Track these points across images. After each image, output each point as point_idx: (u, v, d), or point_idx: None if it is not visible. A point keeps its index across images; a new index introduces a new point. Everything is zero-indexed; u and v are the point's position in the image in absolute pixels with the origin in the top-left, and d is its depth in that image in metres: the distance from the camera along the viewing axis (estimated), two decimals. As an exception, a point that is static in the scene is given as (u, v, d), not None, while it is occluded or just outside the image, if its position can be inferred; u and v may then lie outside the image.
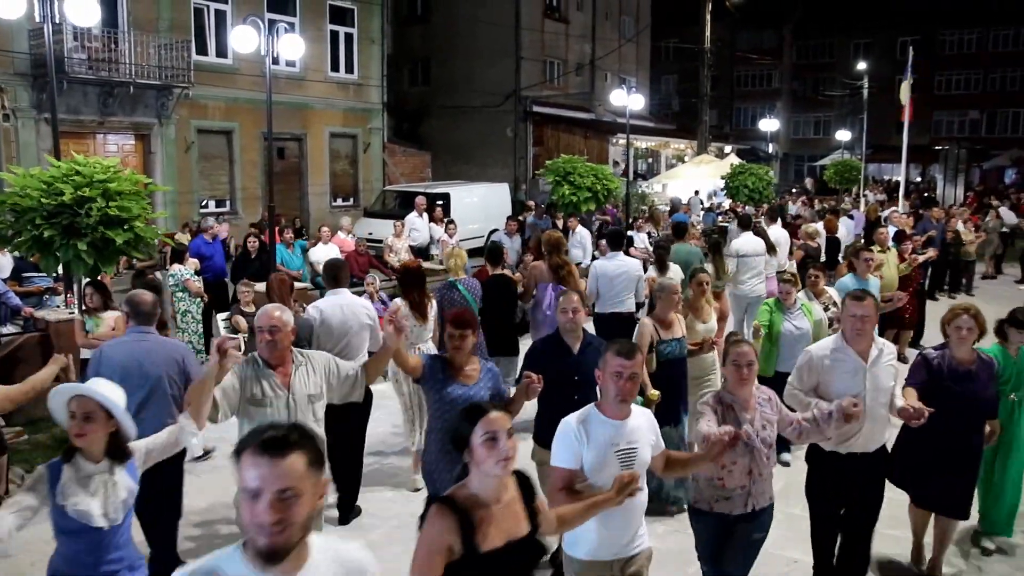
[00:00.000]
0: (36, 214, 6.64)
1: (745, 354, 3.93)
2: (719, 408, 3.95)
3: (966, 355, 4.92)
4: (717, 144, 36.01)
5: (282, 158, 22.06)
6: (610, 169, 15.08)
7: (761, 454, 3.91)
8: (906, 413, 4.32)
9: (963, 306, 5.01)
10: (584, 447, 3.42)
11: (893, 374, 4.54)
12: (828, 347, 4.60)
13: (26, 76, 16.58)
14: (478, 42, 28.73)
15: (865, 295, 4.52)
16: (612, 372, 3.39)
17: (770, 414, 4.02)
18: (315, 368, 4.29)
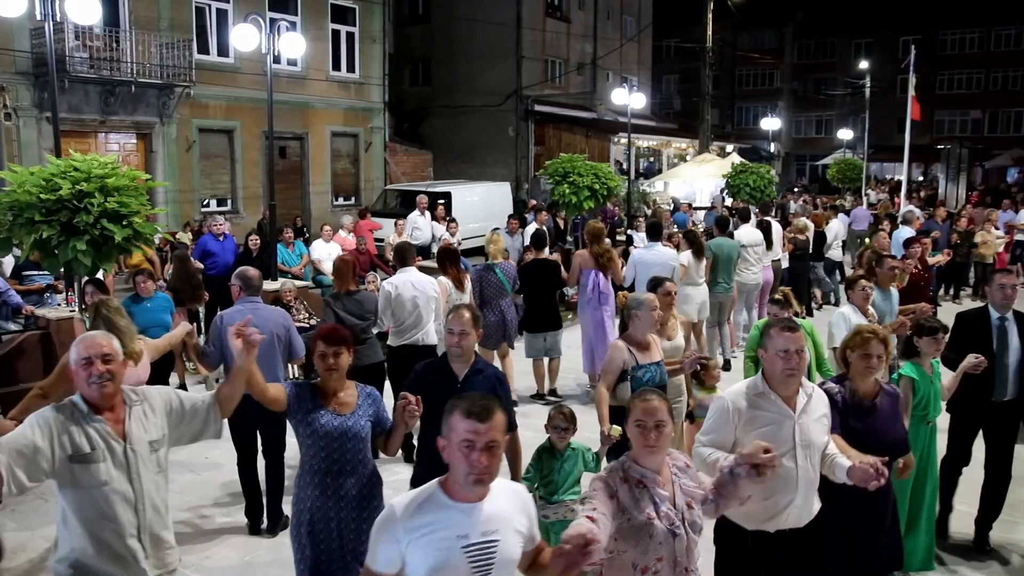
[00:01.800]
0: (35, 211, 6.63)
1: (654, 411, 2.93)
2: (621, 487, 2.94)
3: (870, 387, 4.14)
4: (719, 143, 35.97)
5: (283, 157, 22.06)
6: (610, 167, 15.04)
7: (689, 541, 2.98)
8: (862, 472, 3.32)
9: (870, 328, 4.20)
10: (411, 542, 2.53)
11: (826, 427, 3.63)
12: (745, 392, 3.60)
13: (27, 75, 16.58)
14: (479, 42, 28.73)
15: (798, 325, 3.59)
16: (460, 441, 2.50)
17: (692, 487, 3.05)
18: (154, 407, 3.33)
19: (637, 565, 2.93)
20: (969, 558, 5.39)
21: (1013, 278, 5.36)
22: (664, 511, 2.92)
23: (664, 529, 2.90)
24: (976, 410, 5.35)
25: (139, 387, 3.44)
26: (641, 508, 2.91)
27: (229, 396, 3.53)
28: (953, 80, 48.65)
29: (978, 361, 4.88)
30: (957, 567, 5.29)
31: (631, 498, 2.92)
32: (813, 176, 47.28)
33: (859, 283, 6.47)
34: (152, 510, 3.20)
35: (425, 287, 6.93)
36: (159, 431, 3.30)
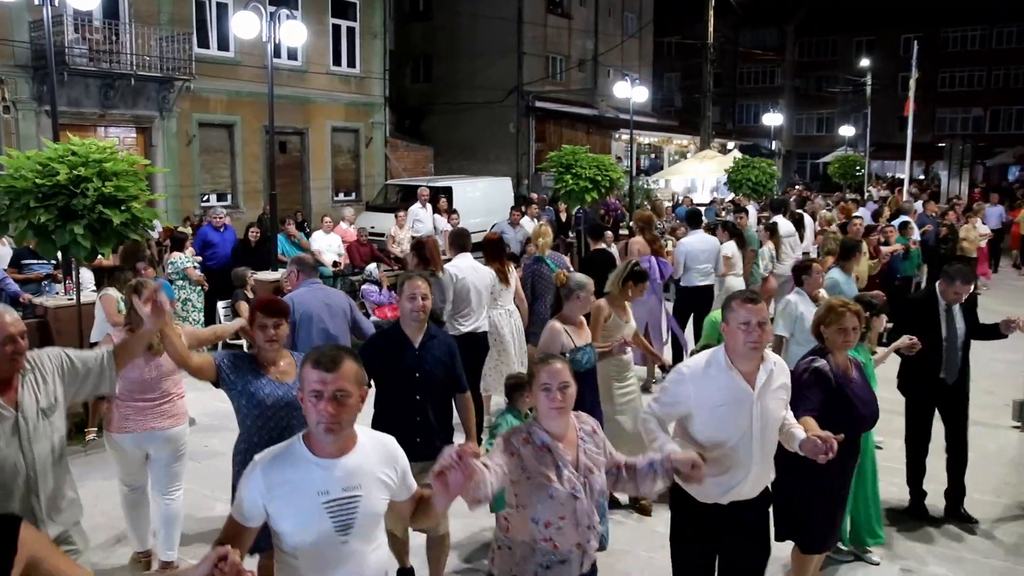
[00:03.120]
0: (31, 196, 6.54)
1: (558, 373, 2.98)
2: (523, 448, 2.99)
3: (845, 361, 4.17)
4: (720, 140, 35.88)
5: (284, 152, 21.98)
6: (612, 159, 14.97)
7: (588, 505, 3.03)
8: (812, 446, 3.34)
9: (842, 302, 4.23)
10: (273, 497, 2.50)
11: (785, 401, 3.60)
12: (704, 365, 3.51)
13: (27, 68, 16.51)
14: (480, 38, 28.66)
15: (759, 296, 3.47)
16: (310, 391, 2.49)
17: (596, 453, 3.11)
18: (45, 374, 3.31)
19: (539, 520, 2.99)
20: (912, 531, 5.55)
21: (968, 288, 5.51)
22: (567, 475, 2.97)
23: (565, 492, 2.96)
24: (928, 391, 5.57)
25: (32, 352, 3.40)
26: (542, 471, 2.96)
27: (129, 352, 3.56)
28: (955, 78, 48.54)
29: (912, 342, 5.04)
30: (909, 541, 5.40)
31: (533, 460, 2.97)
32: (814, 174, 47.17)
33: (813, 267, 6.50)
34: (45, 475, 3.24)
35: (483, 275, 6.89)
36: (51, 396, 3.31)
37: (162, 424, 4.86)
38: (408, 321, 4.39)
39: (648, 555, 5.12)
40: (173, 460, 5.01)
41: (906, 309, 5.78)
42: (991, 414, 7.78)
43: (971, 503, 5.90)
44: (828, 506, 4.15)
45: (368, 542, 2.63)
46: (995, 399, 8.16)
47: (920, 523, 5.63)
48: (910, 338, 5.04)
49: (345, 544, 2.54)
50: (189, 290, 9.77)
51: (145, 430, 4.83)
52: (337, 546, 2.53)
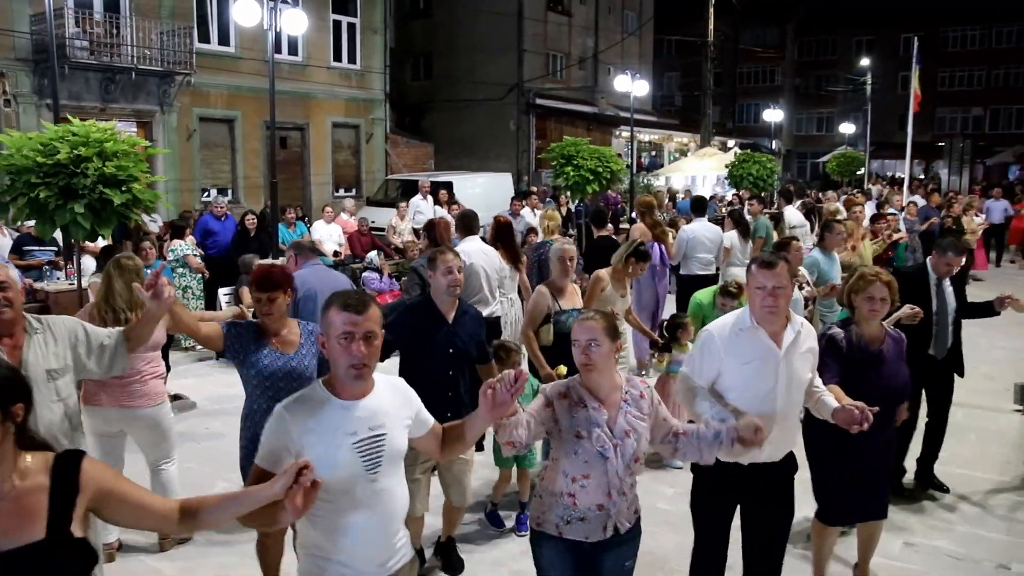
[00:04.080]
0: (32, 174, 6.55)
1: (586, 329, 2.99)
2: (558, 401, 3.02)
3: (876, 331, 4.11)
4: (720, 139, 35.89)
5: (284, 147, 21.97)
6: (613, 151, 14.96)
7: (619, 468, 3.00)
8: (847, 415, 3.34)
9: (873, 271, 4.20)
10: (303, 443, 2.53)
11: (812, 364, 3.59)
12: (732, 325, 3.54)
13: (27, 61, 16.51)
14: (480, 36, 28.67)
15: (777, 261, 3.43)
16: (339, 334, 2.52)
17: (637, 418, 3.06)
18: (56, 337, 3.35)
19: (568, 474, 3.02)
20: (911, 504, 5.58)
21: (961, 259, 5.54)
22: (597, 433, 2.97)
23: (593, 450, 2.96)
24: (917, 365, 5.32)
25: (44, 316, 3.47)
26: (573, 425, 2.99)
27: (138, 336, 3.56)
28: (955, 77, 48.56)
29: (914, 312, 4.93)
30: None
31: (567, 413, 3.00)
32: (814, 174, 47.20)
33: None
34: (49, 438, 3.11)
35: (493, 258, 6.75)
36: (60, 360, 3.34)
37: (133, 403, 4.70)
38: (443, 296, 4.35)
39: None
40: (160, 440, 4.92)
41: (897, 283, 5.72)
42: (992, 398, 7.79)
43: (975, 481, 5.94)
44: (847, 479, 4.08)
45: (395, 480, 2.69)
46: (996, 384, 8.19)
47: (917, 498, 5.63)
48: (911, 307, 4.94)
49: (375, 482, 2.59)
50: (189, 277, 9.77)
51: (116, 406, 4.69)
52: (368, 484, 2.58)
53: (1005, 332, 9.72)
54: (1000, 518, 5.40)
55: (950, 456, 6.30)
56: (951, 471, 6.05)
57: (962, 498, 5.68)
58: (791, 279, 3.45)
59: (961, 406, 7.36)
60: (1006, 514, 5.45)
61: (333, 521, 2.59)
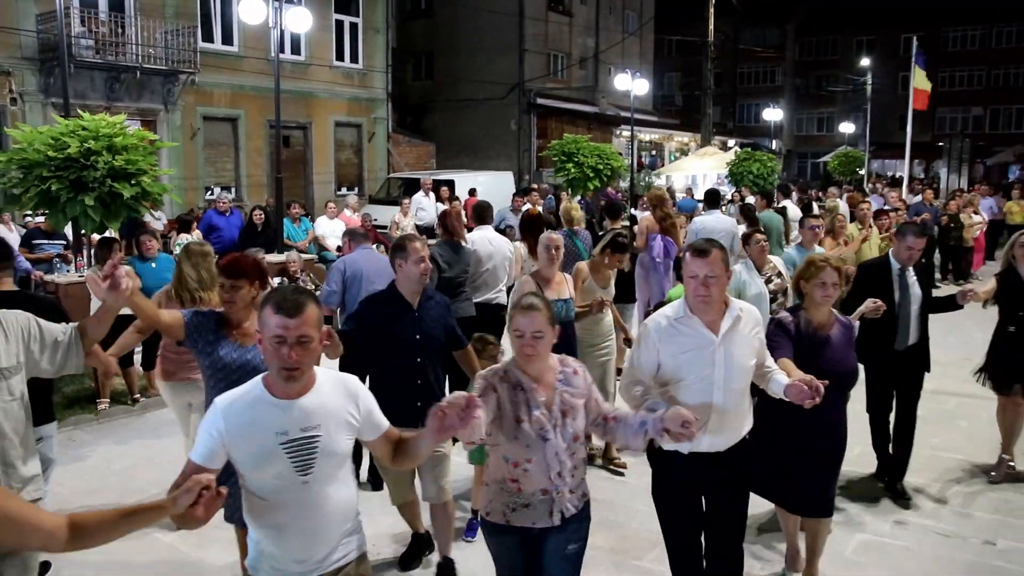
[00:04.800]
0: (43, 168, 6.69)
1: (531, 321, 2.96)
2: (500, 385, 3.02)
3: (825, 318, 4.11)
4: (720, 138, 36.03)
5: (287, 146, 22.10)
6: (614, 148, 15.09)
7: (560, 449, 2.99)
8: (798, 390, 3.31)
9: (823, 257, 4.15)
10: (232, 439, 2.49)
11: (756, 349, 3.52)
12: (668, 316, 3.48)
13: (33, 60, 16.67)
14: (481, 36, 28.82)
15: (710, 248, 3.35)
16: (271, 336, 2.45)
17: (574, 396, 3.07)
18: (8, 333, 3.17)
19: (509, 459, 3.01)
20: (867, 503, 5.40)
21: (923, 241, 5.38)
22: (536, 416, 2.96)
23: (533, 433, 2.95)
24: (883, 358, 5.38)
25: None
26: (514, 409, 2.97)
27: (93, 332, 3.39)
28: (955, 77, 48.68)
29: (876, 305, 4.85)
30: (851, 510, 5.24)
31: (508, 398, 2.99)
32: (815, 173, 47.35)
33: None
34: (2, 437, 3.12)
35: (501, 247, 7.09)
36: (12, 358, 3.17)
37: (198, 376, 4.92)
38: (413, 284, 4.30)
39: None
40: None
41: (858, 275, 5.56)
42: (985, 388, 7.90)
43: (965, 466, 6.07)
44: (795, 465, 4.06)
45: (331, 483, 2.60)
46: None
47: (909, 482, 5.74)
48: (874, 301, 4.87)
49: (306, 484, 2.53)
50: (195, 271, 9.90)
51: (183, 380, 5.02)
52: (298, 487, 2.52)
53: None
54: (988, 499, 5.53)
55: (941, 442, 6.45)
56: (942, 456, 6.19)
57: (953, 481, 5.80)
58: (727, 268, 3.38)
59: (954, 395, 7.52)
60: (994, 495, 5.59)
61: (265, 518, 2.57)
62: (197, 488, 2.08)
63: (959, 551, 4.79)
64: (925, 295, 5.41)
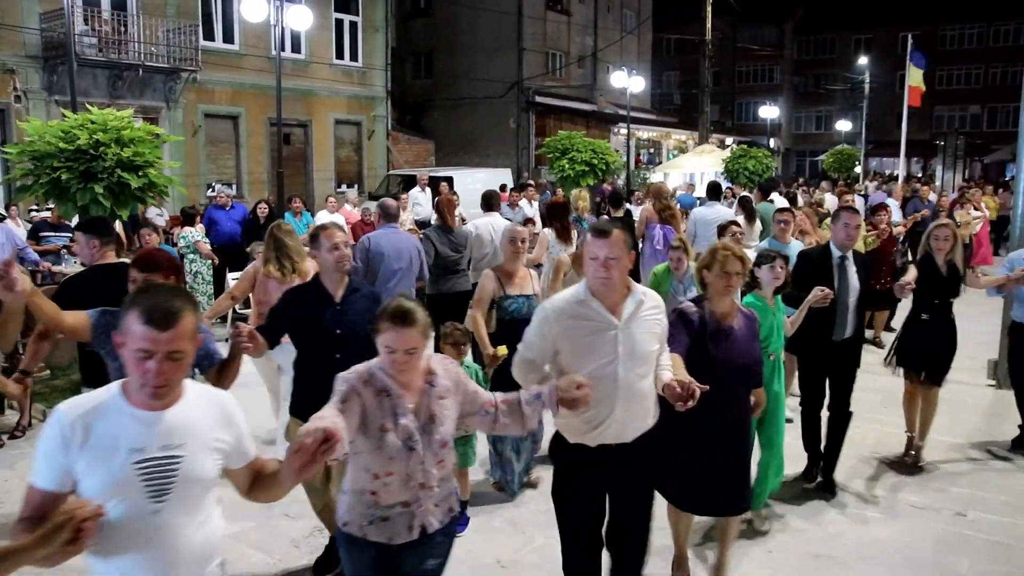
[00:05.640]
0: (54, 159, 6.92)
1: (404, 339, 2.72)
2: (364, 389, 2.74)
3: (728, 308, 3.91)
4: (718, 136, 36.27)
5: (288, 143, 22.31)
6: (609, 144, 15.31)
7: (426, 458, 2.78)
8: (672, 391, 3.09)
9: (724, 245, 3.99)
10: (80, 455, 2.10)
11: (659, 335, 3.37)
12: (568, 299, 3.30)
13: (37, 58, 16.89)
14: (480, 34, 29.06)
15: (611, 229, 3.22)
16: (135, 349, 2.10)
17: (443, 399, 2.85)
18: None
19: (370, 470, 2.77)
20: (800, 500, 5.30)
21: (858, 218, 5.32)
22: (403, 424, 2.74)
23: (398, 443, 2.73)
24: (818, 349, 5.28)
25: None
26: (379, 416, 2.74)
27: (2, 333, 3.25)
28: (952, 75, 48.93)
29: (824, 294, 4.78)
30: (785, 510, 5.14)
31: (373, 403, 2.75)
32: (813, 172, 47.59)
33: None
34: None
35: (500, 231, 7.30)
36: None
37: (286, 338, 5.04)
38: (330, 272, 4.12)
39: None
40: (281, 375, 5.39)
41: (799, 263, 5.39)
42: (971, 375, 8.12)
43: (944, 446, 6.26)
44: (696, 464, 3.88)
45: (189, 514, 2.21)
46: (976, 363, 8.50)
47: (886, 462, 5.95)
48: (821, 289, 4.78)
49: (157, 514, 2.15)
50: (199, 263, 10.14)
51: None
52: (147, 516, 2.14)
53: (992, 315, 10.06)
54: (962, 474, 5.77)
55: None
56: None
57: (930, 462, 6.00)
58: (629, 251, 3.23)
59: (937, 381, 7.75)
60: (969, 471, 5.83)
61: (106, 554, 2.14)
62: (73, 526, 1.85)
63: (932, 521, 5.01)
64: (863, 287, 5.29)
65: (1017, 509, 5.18)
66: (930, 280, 5.61)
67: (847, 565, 4.48)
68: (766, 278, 4.66)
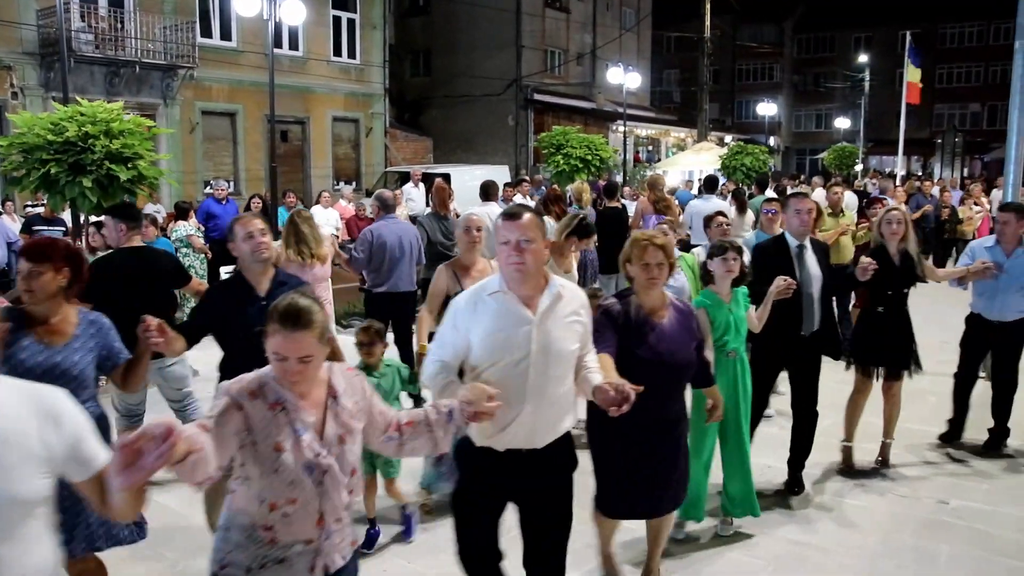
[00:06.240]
0: (43, 152, 6.95)
1: (295, 347, 2.31)
2: (251, 404, 2.31)
3: (657, 302, 3.61)
4: (717, 134, 36.30)
5: (285, 141, 22.38)
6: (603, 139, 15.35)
7: (335, 484, 2.37)
8: (603, 394, 2.81)
9: (646, 235, 3.65)
10: None
11: (579, 334, 3.07)
12: (480, 291, 3.03)
13: (34, 55, 16.95)
14: (479, 32, 29.08)
15: (522, 211, 2.95)
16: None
17: (350, 414, 2.45)
18: None
19: (265, 500, 2.32)
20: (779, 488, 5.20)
21: (809, 203, 5.01)
22: (304, 441, 2.32)
23: (299, 465, 2.30)
24: (782, 345, 4.92)
25: None
26: (273, 434, 2.30)
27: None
28: (952, 73, 48.92)
29: (787, 283, 4.51)
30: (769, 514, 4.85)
31: (264, 419, 2.31)
32: (813, 170, 47.56)
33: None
34: None
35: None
36: None
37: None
38: (249, 263, 3.86)
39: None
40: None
41: (755, 257, 5.12)
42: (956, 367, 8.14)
43: (928, 436, 6.25)
44: (627, 468, 3.61)
45: (8, 543, 1.83)
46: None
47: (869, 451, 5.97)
48: (783, 278, 4.51)
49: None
50: (193, 257, 10.14)
51: None
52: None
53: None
54: (946, 462, 5.81)
55: (908, 415, 6.61)
56: (908, 427, 6.36)
57: (916, 450, 6.02)
58: (544, 235, 2.96)
59: (926, 374, 7.73)
60: (952, 460, 5.86)
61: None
62: None
63: (913, 509, 5.03)
64: (826, 275, 5.00)
65: (1000, 497, 5.20)
66: (883, 270, 5.15)
67: (826, 551, 4.49)
68: (719, 271, 4.35)
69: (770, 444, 5.65)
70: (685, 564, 4.36)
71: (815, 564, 4.37)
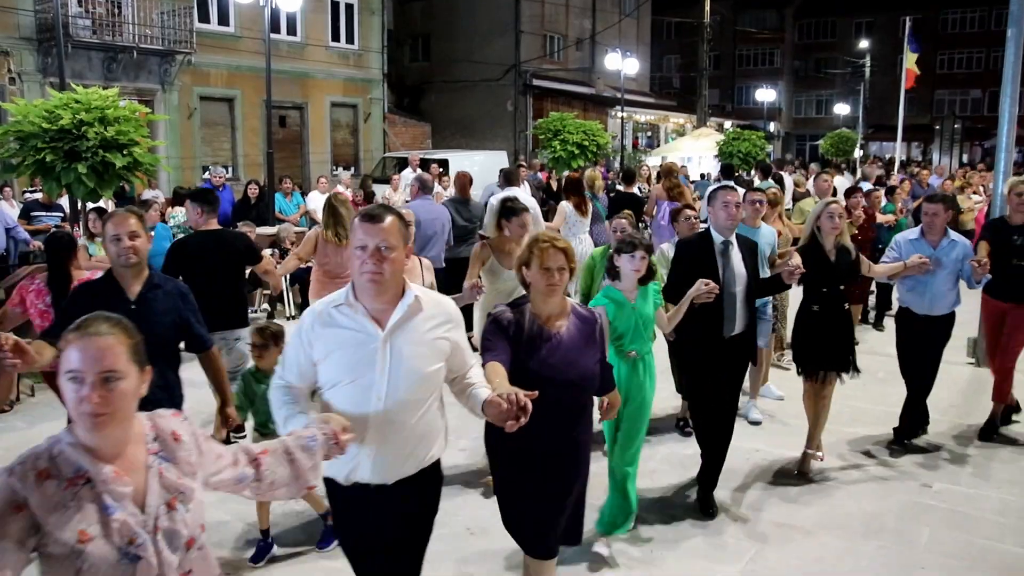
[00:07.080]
0: (38, 139, 6.99)
1: (94, 360, 1.84)
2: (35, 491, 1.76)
3: (555, 310, 3.24)
4: (716, 120, 36.26)
5: (283, 126, 22.38)
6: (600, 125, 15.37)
7: (164, 569, 1.86)
8: (495, 408, 2.51)
9: (546, 236, 3.28)
10: None
11: (442, 352, 2.71)
12: (329, 302, 2.69)
13: (31, 40, 16.93)
14: (478, 17, 28.99)
15: (384, 213, 2.59)
16: None
17: (178, 471, 1.97)
18: None
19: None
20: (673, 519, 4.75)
21: (737, 196, 4.70)
22: (120, 521, 1.82)
23: (112, 554, 1.79)
24: (705, 348, 4.66)
25: None
26: (72, 521, 1.77)
27: None
28: (953, 60, 48.74)
29: (709, 288, 4.23)
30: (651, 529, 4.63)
31: (55, 502, 1.77)
32: (813, 156, 47.48)
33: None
34: None
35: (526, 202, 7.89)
36: None
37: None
38: (118, 268, 3.60)
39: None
40: None
41: (678, 252, 4.89)
42: (951, 353, 8.14)
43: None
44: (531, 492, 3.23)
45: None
46: (956, 342, 8.56)
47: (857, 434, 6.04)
48: (706, 283, 4.24)
49: None
50: (189, 243, 10.21)
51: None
52: None
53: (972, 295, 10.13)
54: (932, 447, 5.87)
55: (893, 400, 6.68)
56: (894, 412, 6.43)
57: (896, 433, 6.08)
58: (406, 242, 2.66)
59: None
60: (938, 444, 5.93)
61: None
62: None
63: (897, 492, 5.11)
64: (751, 275, 4.70)
65: (983, 481, 5.28)
66: (817, 266, 4.92)
67: (810, 533, 4.57)
68: (626, 269, 4.09)
69: (760, 428, 5.73)
70: (669, 544, 4.44)
71: (798, 545, 4.45)
